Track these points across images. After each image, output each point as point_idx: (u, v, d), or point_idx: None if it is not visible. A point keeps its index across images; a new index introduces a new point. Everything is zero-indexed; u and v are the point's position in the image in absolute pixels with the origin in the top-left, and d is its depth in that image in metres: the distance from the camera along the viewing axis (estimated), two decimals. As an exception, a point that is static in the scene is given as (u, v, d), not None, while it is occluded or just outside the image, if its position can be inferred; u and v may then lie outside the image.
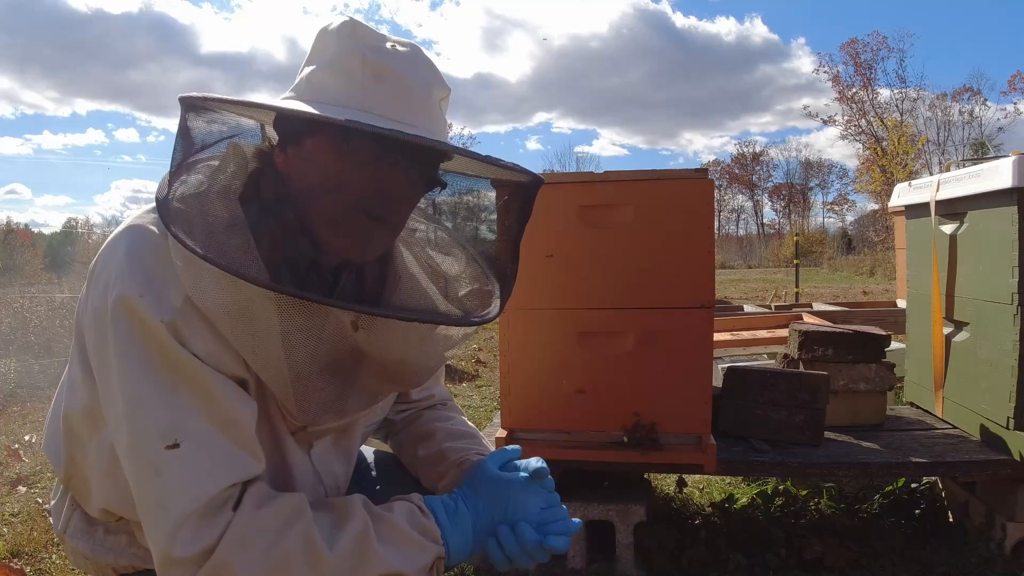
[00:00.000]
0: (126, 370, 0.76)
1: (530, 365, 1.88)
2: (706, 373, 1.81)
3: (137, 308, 0.76)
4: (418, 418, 1.15)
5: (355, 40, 0.82)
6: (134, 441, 0.76)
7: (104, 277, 0.80)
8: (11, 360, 5.01)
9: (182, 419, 0.76)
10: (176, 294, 0.77)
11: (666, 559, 1.93)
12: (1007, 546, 1.85)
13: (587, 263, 1.83)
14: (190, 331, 0.77)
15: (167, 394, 0.76)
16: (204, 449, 0.76)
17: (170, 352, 0.76)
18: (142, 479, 0.76)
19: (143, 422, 0.76)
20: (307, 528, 0.76)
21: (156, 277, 0.78)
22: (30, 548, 2.19)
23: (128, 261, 0.79)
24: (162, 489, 0.75)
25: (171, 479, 0.75)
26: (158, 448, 0.75)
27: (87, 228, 30.70)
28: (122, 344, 0.76)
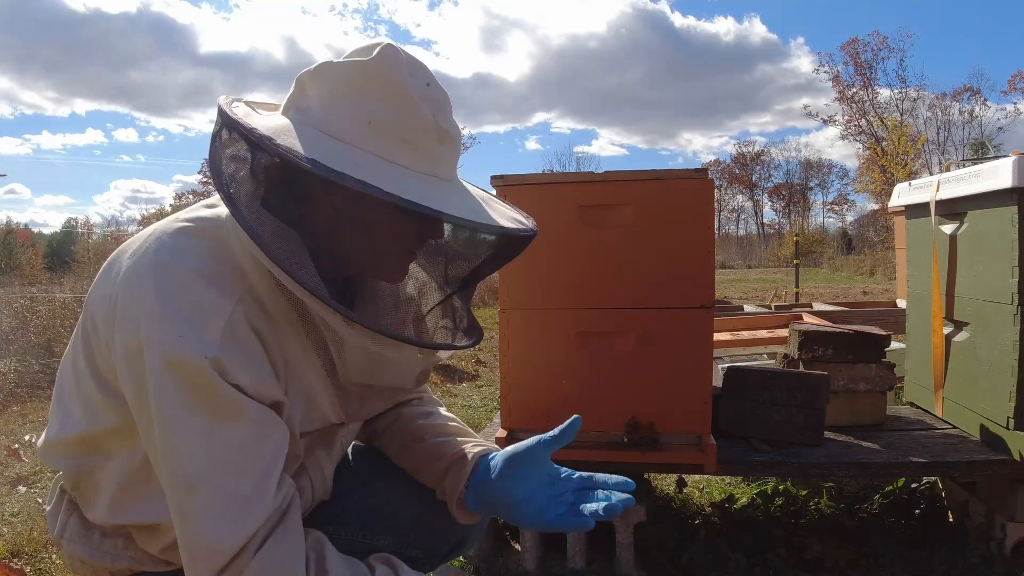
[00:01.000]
0: (163, 416, 0.78)
1: (530, 365, 1.88)
2: (706, 373, 1.81)
3: (176, 350, 0.76)
4: (399, 417, 1.16)
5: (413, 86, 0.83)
6: (168, 488, 0.79)
7: (133, 319, 0.79)
8: (11, 360, 5.00)
9: (209, 467, 0.78)
10: (215, 329, 0.78)
11: (666, 559, 1.93)
12: (1007, 546, 1.85)
13: (587, 263, 1.83)
14: (232, 362, 0.78)
15: (200, 439, 0.78)
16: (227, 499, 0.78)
17: (209, 389, 0.77)
18: (176, 524, 0.80)
19: (174, 470, 0.78)
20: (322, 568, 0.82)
21: (191, 315, 0.78)
22: (30, 548, 2.19)
23: (160, 303, 0.78)
24: (188, 538, 0.79)
25: (194, 529, 0.78)
26: (185, 498, 0.78)
27: (87, 228, 30.68)
28: (160, 390, 0.77)
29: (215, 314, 0.79)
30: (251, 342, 0.82)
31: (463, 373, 5.09)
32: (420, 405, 1.19)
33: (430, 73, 0.87)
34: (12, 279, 10.95)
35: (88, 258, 14.50)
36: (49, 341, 5.50)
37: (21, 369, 4.92)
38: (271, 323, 0.85)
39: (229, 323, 0.79)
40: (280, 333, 0.86)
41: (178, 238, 0.85)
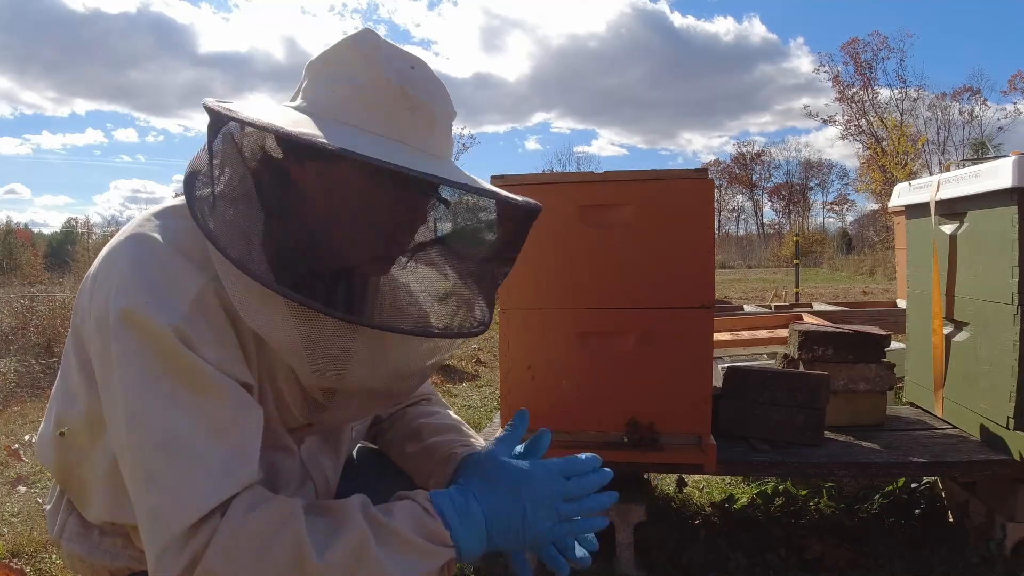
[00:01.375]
0: (128, 379, 0.75)
1: (530, 365, 1.87)
2: (706, 373, 1.81)
3: (142, 316, 0.75)
4: (403, 417, 1.15)
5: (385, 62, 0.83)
6: (132, 451, 0.75)
7: (106, 287, 0.79)
8: (11, 360, 5.00)
9: (180, 429, 0.74)
10: (183, 300, 0.77)
11: (666, 559, 1.93)
12: (1007, 546, 1.85)
13: (587, 263, 1.83)
14: (197, 336, 0.76)
15: (167, 402, 0.75)
16: (198, 462, 0.74)
17: (176, 357, 0.75)
18: (139, 489, 0.75)
19: (140, 431, 0.74)
20: (297, 536, 0.73)
21: (161, 285, 0.77)
22: (30, 548, 2.19)
23: (132, 271, 0.78)
24: (156, 501, 0.74)
25: (164, 492, 0.73)
26: (154, 459, 0.74)
27: (87, 228, 30.66)
28: (125, 352, 0.76)
29: (185, 286, 0.78)
30: (221, 319, 0.79)
31: (463, 373, 5.09)
32: (427, 406, 1.17)
33: (420, 61, 0.87)
34: (12, 279, 10.94)
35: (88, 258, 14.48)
36: (49, 341, 5.50)
37: (21, 369, 4.92)
38: None
39: (199, 297, 0.78)
40: None
41: (159, 218, 0.85)
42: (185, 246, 0.81)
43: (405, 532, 0.77)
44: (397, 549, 0.76)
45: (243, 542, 0.73)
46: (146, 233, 0.81)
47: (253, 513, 0.74)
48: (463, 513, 0.82)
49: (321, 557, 0.73)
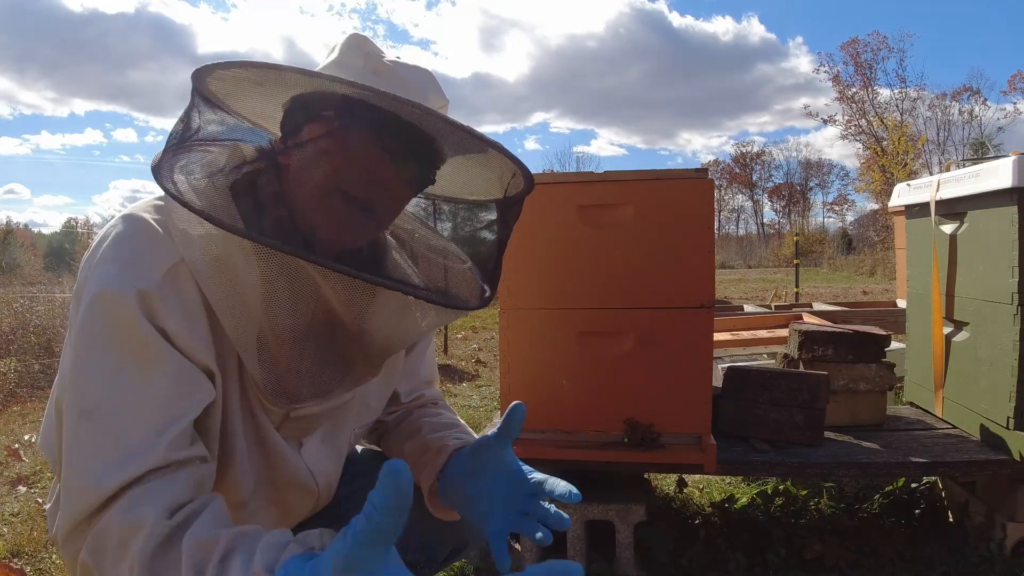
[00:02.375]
0: (80, 346, 0.75)
1: (530, 365, 1.88)
2: (706, 373, 1.81)
3: (110, 283, 0.75)
4: (407, 417, 1.15)
5: (360, 47, 0.85)
6: (65, 420, 0.75)
7: (89, 262, 0.80)
8: (11, 360, 5.00)
9: (108, 400, 0.72)
10: (156, 269, 0.77)
11: (666, 559, 1.93)
12: (1007, 546, 1.85)
13: (587, 263, 1.83)
14: (164, 306, 0.75)
15: (108, 372, 0.73)
16: (115, 437, 0.71)
17: (130, 324, 0.74)
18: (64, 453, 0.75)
19: (73, 398, 0.74)
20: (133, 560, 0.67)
21: (138, 254, 0.78)
22: (30, 548, 2.19)
23: (112, 245, 0.79)
24: (68, 472, 0.73)
25: (75, 463, 0.72)
26: (75, 428, 0.73)
27: (87, 228, 30.67)
28: (86, 322, 0.76)
29: (161, 258, 0.78)
30: (193, 296, 0.78)
31: (463, 373, 5.09)
32: (432, 408, 1.17)
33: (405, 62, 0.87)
34: (12, 279, 10.94)
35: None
36: (49, 341, 5.50)
37: (21, 369, 4.92)
38: None
39: (173, 269, 0.78)
40: None
41: (150, 202, 0.85)
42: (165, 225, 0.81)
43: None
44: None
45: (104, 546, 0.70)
46: (137, 213, 0.82)
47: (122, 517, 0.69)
48: None
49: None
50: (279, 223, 0.81)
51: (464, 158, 0.88)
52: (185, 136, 0.80)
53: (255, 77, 0.79)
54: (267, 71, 0.76)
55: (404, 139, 0.80)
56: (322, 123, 0.81)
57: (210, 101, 0.82)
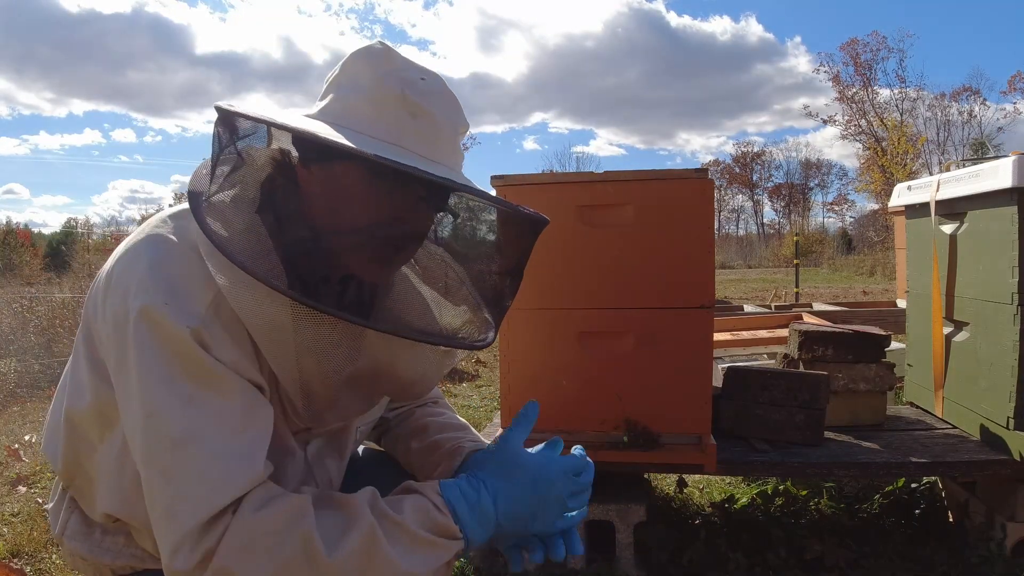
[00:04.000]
0: (146, 378, 0.77)
1: (530, 365, 1.88)
2: (706, 373, 1.81)
3: (160, 316, 0.76)
4: (410, 415, 1.16)
5: (392, 72, 0.84)
6: (148, 448, 0.77)
7: (124, 286, 0.80)
8: (11, 360, 5.00)
9: (196, 427, 0.76)
10: (200, 302, 0.78)
11: (666, 559, 1.93)
12: (1007, 546, 1.85)
13: (587, 263, 1.83)
14: (213, 338, 0.78)
15: (184, 402, 0.76)
16: (214, 459, 0.75)
17: (192, 358, 0.77)
18: (154, 486, 0.77)
19: (157, 429, 0.76)
20: (307, 533, 0.75)
21: (180, 286, 0.79)
22: (30, 548, 2.19)
23: (151, 271, 0.79)
24: (171, 497, 0.75)
25: (180, 488, 0.75)
26: (169, 456, 0.75)
27: (87, 228, 30.68)
28: (143, 352, 0.77)
29: (203, 288, 0.79)
30: (235, 322, 0.80)
31: (463, 373, 5.09)
32: (434, 407, 1.18)
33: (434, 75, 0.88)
34: (12, 279, 10.94)
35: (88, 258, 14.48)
36: (49, 341, 5.50)
37: (21, 369, 4.92)
38: None
39: (215, 300, 0.79)
40: None
41: (175, 219, 0.86)
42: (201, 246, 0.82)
43: (414, 528, 0.78)
44: (406, 544, 0.77)
45: (255, 539, 0.74)
46: (163, 234, 0.83)
47: (264, 510, 0.76)
48: (473, 505, 0.83)
49: (331, 555, 0.74)
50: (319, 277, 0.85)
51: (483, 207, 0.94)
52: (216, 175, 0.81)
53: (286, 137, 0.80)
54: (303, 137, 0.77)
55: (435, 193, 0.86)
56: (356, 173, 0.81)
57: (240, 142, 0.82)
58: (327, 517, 0.77)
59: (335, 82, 0.87)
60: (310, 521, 0.76)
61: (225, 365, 0.78)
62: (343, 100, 0.84)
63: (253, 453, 0.78)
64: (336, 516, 0.78)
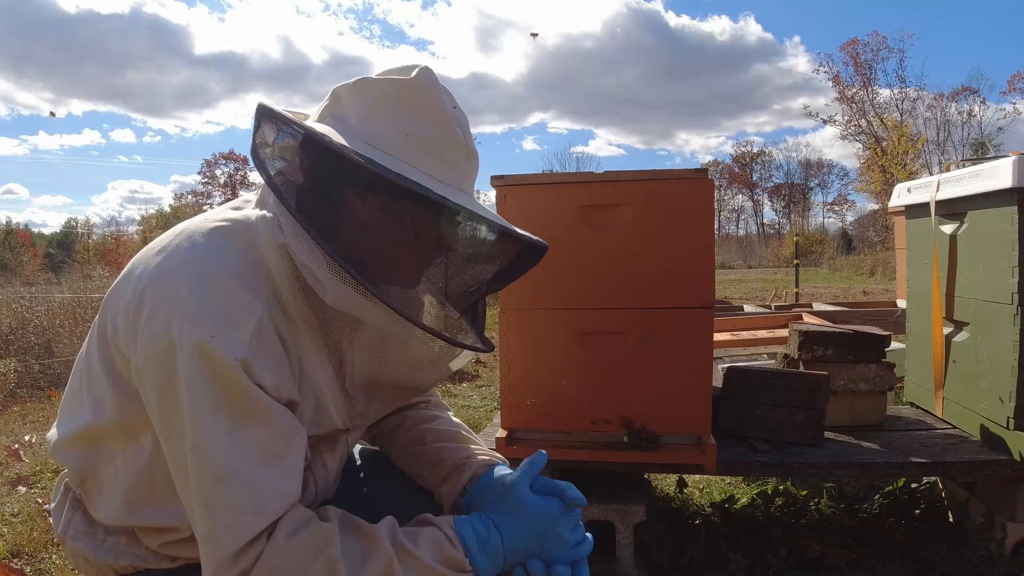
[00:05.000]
0: (196, 414, 0.80)
1: (530, 365, 1.88)
2: (706, 373, 1.81)
3: (212, 350, 0.79)
4: (404, 420, 1.17)
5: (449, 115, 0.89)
6: (194, 479, 0.81)
7: (165, 314, 0.80)
8: (11, 360, 5.00)
9: (238, 459, 0.80)
10: (245, 331, 0.81)
11: (666, 559, 1.93)
12: (1007, 546, 1.85)
13: (587, 263, 1.83)
14: (259, 364, 0.82)
15: (230, 435, 0.80)
16: (251, 491, 0.81)
17: (239, 391, 0.80)
18: (197, 514, 0.82)
19: (203, 464, 0.80)
20: (332, 561, 0.81)
21: (224, 315, 0.81)
22: (30, 548, 2.19)
23: (194, 301, 0.80)
24: (212, 526, 0.80)
25: (220, 518, 0.80)
26: (212, 489, 0.80)
27: (87, 228, 30.69)
28: (194, 387, 0.79)
29: (246, 315, 0.82)
30: (275, 344, 0.85)
31: (463, 373, 5.09)
32: (427, 409, 1.19)
33: (454, 97, 0.92)
34: (12, 279, 10.94)
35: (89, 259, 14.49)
36: (49, 341, 5.50)
37: (21, 369, 4.92)
38: (291, 325, 0.88)
39: (258, 325, 0.82)
40: (298, 336, 0.89)
41: (212, 238, 0.86)
42: (242, 271, 0.84)
43: (427, 560, 0.85)
44: (419, 574, 0.84)
45: (285, 564, 0.81)
46: (199, 257, 0.84)
47: (296, 537, 0.82)
48: (484, 542, 0.90)
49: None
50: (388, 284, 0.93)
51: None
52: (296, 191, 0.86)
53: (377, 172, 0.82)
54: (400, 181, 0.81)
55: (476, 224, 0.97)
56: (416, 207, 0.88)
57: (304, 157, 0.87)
58: (350, 544, 0.84)
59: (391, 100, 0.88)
60: (336, 549, 0.82)
61: (266, 390, 0.83)
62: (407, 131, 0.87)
63: (288, 478, 0.84)
64: (359, 544, 0.85)
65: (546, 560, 0.93)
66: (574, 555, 0.94)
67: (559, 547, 0.93)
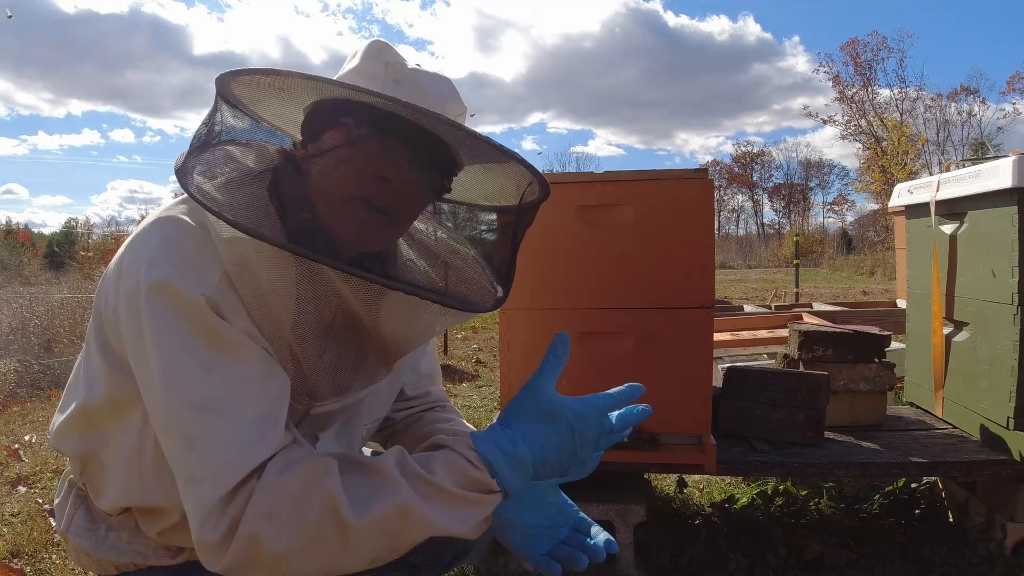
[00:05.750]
0: (163, 346, 0.77)
1: (530, 365, 1.87)
2: (706, 373, 1.81)
3: (175, 287, 0.77)
4: (417, 421, 1.16)
5: (381, 54, 0.87)
6: (169, 416, 0.77)
7: (136, 264, 0.81)
8: (11, 360, 5.00)
9: (216, 393, 0.76)
10: (213, 274, 0.80)
11: (666, 559, 1.93)
12: (1007, 546, 1.85)
13: (587, 263, 1.83)
14: (227, 307, 0.79)
15: (204, 368, 0.77)
16: (236, 425, 0.76)
17: (208, 324, 0.78)
18: (177, 453, 0.77)
19: (178, 397, 0.77)
20: (330, 494, 0.74)
21: (192, 259, 0.80)
22: (30, 548, 2.19)
23: (164, 246, 0.81)
24: (195, 464, 0.76)
25: (203, 454, 0.75)
26: (192, 422, 0.76)
27: (87, 228, 30.68)
28: (159, 322, 0.78)
29: (215, 263, 0.81)
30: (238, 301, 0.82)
31: (463, 373, 5.09)
32: (442, 412, 1.19)
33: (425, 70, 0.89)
34: (11, 279, 10.92)
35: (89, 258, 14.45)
36: (49, 341, 5.50)
37: (21, 369, 4.92)
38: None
39: (224, 276, 0.81)
40: None
41: (185, 202, 0.88)
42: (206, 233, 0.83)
43: (449, 487, 0.77)
44: (443, 503, 0.77)
45: (280, 503, 0.74)
46: (174, 215, 0.85)
47: (287, 474, 0.76)
48: (510, 456, 0.81)
49: (359, 517, 0.74)
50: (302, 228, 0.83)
51: (482, 166, 0.90)
52: (208, 140, 0.83)
53: (278, 83, 0.81)
54: (290, 78, 0.78)
55: (424, 148, 0.83)
56: (343, 130, 0.83)
57: (234, 105, 0.84)
58: (354, 479, 0.77)
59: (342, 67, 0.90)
60: (333, 480, 0.75)
61: (240, 332, 0.79)
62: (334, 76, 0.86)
63: (274, 418, 0.79)
64: (364, 479, 0.77)
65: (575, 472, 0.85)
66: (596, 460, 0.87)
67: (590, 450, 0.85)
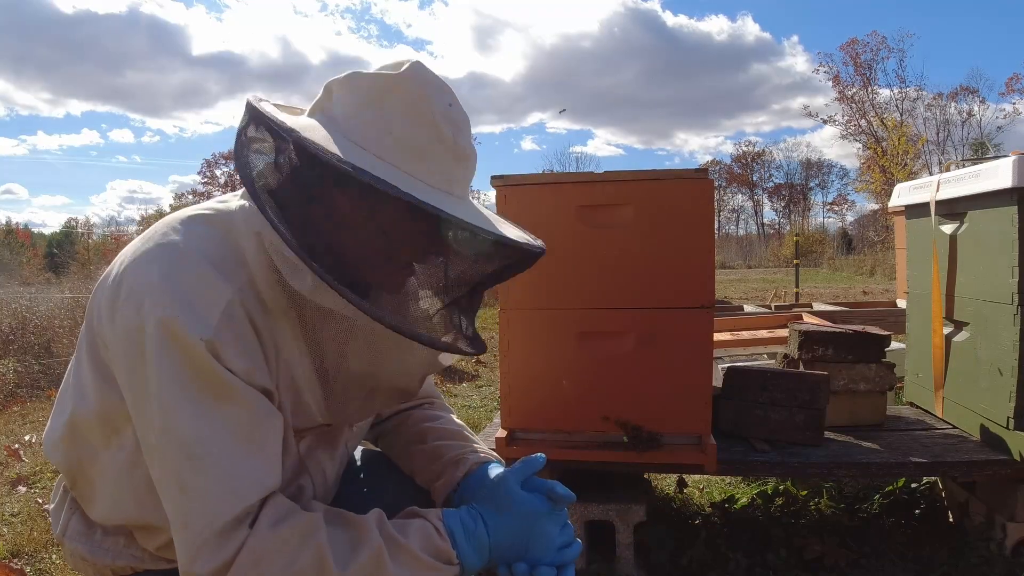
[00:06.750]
0: (162, 391, 0.79)
1: (530, 365, 1.88)
2: (706, 373, 1.81)
3: (175, 326, 0.78)
4: (407, 419, 1.17)
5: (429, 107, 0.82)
6: (164, 460, 0.79)
7: (137, 296, 0.81)
8: (11, 360, 5.00)
9: (210, 438, 0.79)
10: (213, 312, 0.80)
11: (666, 559, 1.93)
12: (1007, 546, 1.85)
13: (587, 263, 1.83)
14: (226, 348, 0.80)
15: (199, 413, 0.79)
16: (227, 468, 0.79)
17: (206, 369, 0.79)
18: (169, 496, 0.80)
19: (171, 443, 0.79)
20: (320, 549, 0.80)
21: (193, 297, 0.80)
22: (30, 548, 2.19)
23: (164, 282, 0.80)
24: (186, 507, 0.79)
25: (194, 497, 0.78)
26: (184, 468, 0.78)
27: (87, 228, 30.70)
28: (159, 365, 0.78)
29: (215, 298, 0.81)
30: (247, 331, 0.83)
31: (463, 373, 5.09)
32: (430, 409, 1.19)
33: (453, 94, 0.87)
34: (11, 279, 10.93)
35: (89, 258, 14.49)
36: (48, 341, 5.50)
37: (21, 369, 4.92)
38: (267, 315, 0.86)
39: (227, 309, 0.81)
40: (275, 326, 0.87)
41: (188, 224, 0.87)
42: (212, 254, 0.83)
43: (416, 551, 0.85)
44: (408, 565, 0.84)
45: (271, 553, 0.79)
46: (174, 242, 0.84)
47: (280, 526, 0.80)
48: (470, 534, 0.90)
49: (343, 569, 0.80)
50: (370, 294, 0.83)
51: None
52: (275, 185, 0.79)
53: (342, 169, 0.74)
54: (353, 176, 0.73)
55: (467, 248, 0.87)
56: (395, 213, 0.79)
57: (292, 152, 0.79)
58: (338, 534, 0.83)
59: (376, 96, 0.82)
60: (323, 536, 0.81)
61: (237, 375, 0.80)
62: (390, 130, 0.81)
63: (264, 464, 0.82)
64: (347, 533, 0.84)
65: (532, 560, 0.92)
66: (560, 558, 0.93)
67: (545, 546, 0.92)
